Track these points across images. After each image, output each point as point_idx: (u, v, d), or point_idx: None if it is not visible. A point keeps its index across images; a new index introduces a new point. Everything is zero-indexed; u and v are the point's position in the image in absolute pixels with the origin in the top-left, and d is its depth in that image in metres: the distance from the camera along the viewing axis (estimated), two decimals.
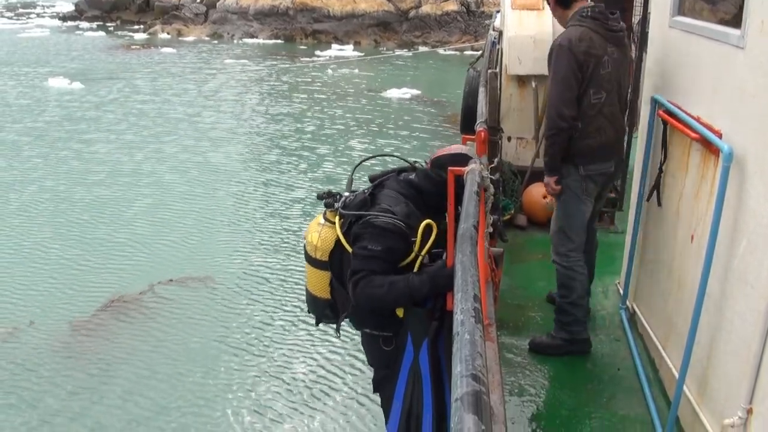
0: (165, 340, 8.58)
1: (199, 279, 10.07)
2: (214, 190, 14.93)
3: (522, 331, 7.94)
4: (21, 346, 8.45)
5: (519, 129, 11.37)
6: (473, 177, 4.08)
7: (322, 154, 17.54)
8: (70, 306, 9.44)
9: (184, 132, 19.89)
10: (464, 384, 1.86)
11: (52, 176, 16.06)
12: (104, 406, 7.44)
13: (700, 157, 5.83)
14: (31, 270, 10.69)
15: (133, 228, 12.46)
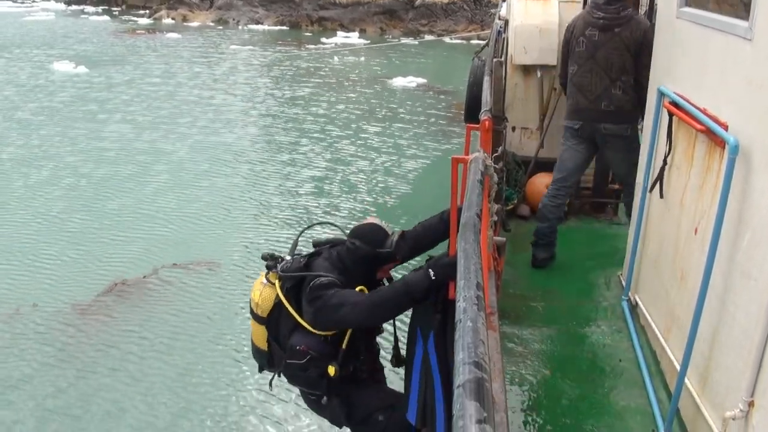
0: (168, 324, 8.58)
1: (204, 263, 10.06)
2: (222, 173, 14.93)
3: (523, 321, 7.93)
4: (24, 328, 8.45)
5: (523, 119, 11.34)
6: (477, 165, 4.07)
7: (334, 136, 17.51)
8: (74, 289, 9.44)
9: (197, 114, 19.90)
10: (466, 371, 1.85)
11: (64, 155, 16.09)
12: (107, 388, 7.44)
13: (705, 149, 5.81)
14: (35, 251, 10.69)
15: (138, 211, 12.46)
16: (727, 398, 5.09)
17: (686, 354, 5.60)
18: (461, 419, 1.65)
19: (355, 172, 14.74)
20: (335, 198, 13.30)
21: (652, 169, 7.21)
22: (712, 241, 5.21)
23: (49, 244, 11.05)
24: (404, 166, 15.02)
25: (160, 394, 7.35)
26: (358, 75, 26.39)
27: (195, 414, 6.92)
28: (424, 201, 12.46)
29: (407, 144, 16.86)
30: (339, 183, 14.01)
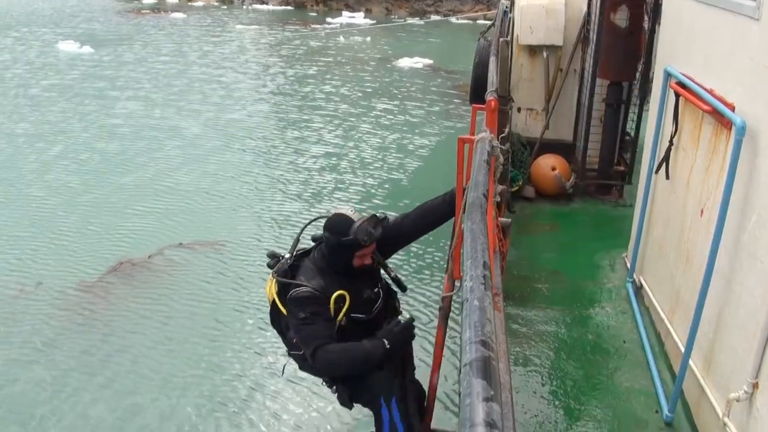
0: (172, 304, 8.55)
1: (210, 243, 10.02)
2: (234, 149, 14.84)
3: (528, 302, 7.94)
4: (29, 307, 8.45)
5: (529, 100, 11.32)
6: (483, 145, 4.06)
7: (343, 115, 17.47)
8: (78, 267, 9.41)
9: (209, 91, 19.88)
10: (473, 350, 1.84)
11: (77, 131, 16.06)
12: (111, 368, 7.43)
13: (712, 130, 5.78)
14: (39, 229, 10.65)
15: (149, 187, 12.40)
16: (732, 380, 5.10)
17: (691, 335, 5.60)
18: (468, 397, 1.65)
19: (365, 150, 14.70)
20: (346, 174, 13.32)
21: (658, 150, 7.18)
22: (718, 223, 5.20)
23: (58, 221, 10.98)
24: (412, 145, 14.99)
25: (167, 370, 7.34)
26: (365, 55, 26.30)
27: (191, 396, 6.92)
28: (430, 178, 12.45)
29: (415, 123, 16.81)
30: (349, 160, 13.98)
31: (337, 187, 12.78)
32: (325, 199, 12.22)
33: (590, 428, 5.98)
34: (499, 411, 1.62)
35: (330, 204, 11.85)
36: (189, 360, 7.60)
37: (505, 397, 2.58)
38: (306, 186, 12.80)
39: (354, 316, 4.53)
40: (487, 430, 1.53)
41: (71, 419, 6.71)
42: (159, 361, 7.57)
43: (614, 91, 10.10)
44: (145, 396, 7.01)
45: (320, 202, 12.06)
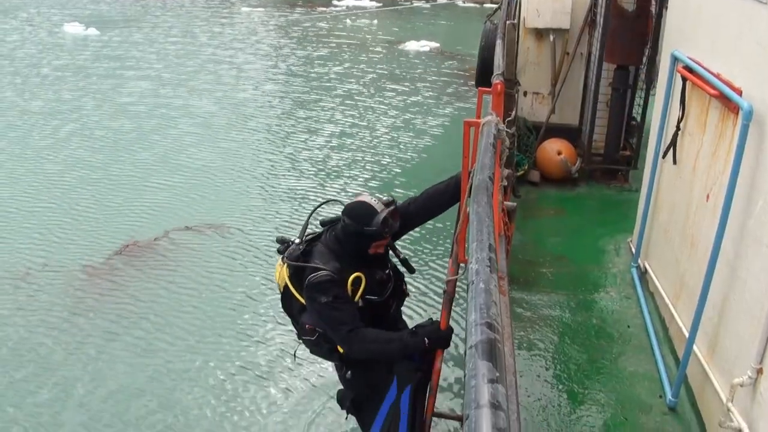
0: (178, 287, 8.53)
1: (216, 227, 10.00)
2: (246, 128, 14.81)
3: (532, 286, 7.94)
4: (34, 289, 8.45)
5: (535, 84, 11.28)
6: (489, 128, 4.05)
7: (352, 97, 17.41)
8: (84, 249, 9.39)
9: (221, 71, 19.84)
10: (479, 332, 1.84)
11: (91, 109, 16.06)
12: (116, 349, 7.44)
13: (718, 115, 5.76)
14: (45, 210, 10.64)
15: (156, 168, 12.37)
16: (736, 365, 5.10)
17: (695, 320, 5.60)
18: (473, 379, 1.65)
19: (375, 129, 14.66)
20: (357, 153, 13.34)
21: (665, 135, 7.16)
22: (723, 208, 5.19)
23: (67, 201, 10.95)
24: (421, 126, 14.93)
25: (173, 353, 7.35)
26: (372, 38, 26.16)
27: (195, 381, 6.92)
28: (438, 160, 12.46)
29: (423, 105, 16.74)
30: (360, 139, 13.96)
31: (348, 166, 12.79)
32: (337, 178, 12.23)
33: (593, 412, 5.99)
34: (505, 392, 1.63)
35: (341, 183, 11.90)
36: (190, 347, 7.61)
37: (509, 380, 2.58)
38: (317, 165, 12.81)
39: (368, 298, 4.46)
40: (492, 411, 1.53)
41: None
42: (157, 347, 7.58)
43: (621, 75, 10.06)
44: (142, 380, 7.00)
45: (332, 181, 12.07)
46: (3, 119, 15.41)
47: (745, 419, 4.85)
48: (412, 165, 12.88)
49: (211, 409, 6.53)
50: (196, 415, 6.48)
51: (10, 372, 7.06)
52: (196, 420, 6.41)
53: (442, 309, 4.30)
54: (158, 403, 6.62)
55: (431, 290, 8.38)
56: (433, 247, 9.39)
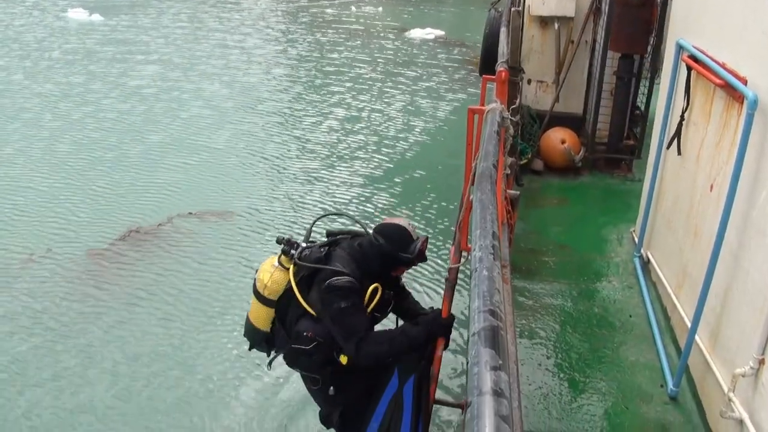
0: (182, 272, 8.54)
1: (219, 213, 9.99)
2: (256, 111, 14.81)
3: (534, 275, 7.93)
4: (39, 273, 8.44)
5: (539, 72, 11.24)
6: (494, 116, 4.03)
7: (358, 84, 17.41)
8: (89, 234, 9.39)
9: (232, 56, 19.83)
10: (482, 319, 1.84)
11: (104, 92, 16.12)
12: (121, 332, 7.44)
13: (723, 105, 5.74)
14: (50, 194, 10.64)
15: (157, 157, 12.34)
16: (738, 355, 5.09)
17: (698, 310, 5.59)
18: (476, 366, 1.64)
19: (380, 116, 14.68)
20: (363, 134, 13.37)
21: (669, 124, 7.14)
22: (727, 198, 5.17)
23: (78, 183, 10.98)
24: (428, 112, 14.94)
25: (176, 337, 7.36)
26: (378, 25, 26.10)
27: (196, 366, 6.94)
28: (448, 142, 12.50)
29: (431, 92, 16.75)
30: (365, 125, 13.96)
31: (354, 147, 12.82)
32: (350, 160, 12.30)
33: (595, 401, 5.99)
34: (507, 380, 1.62)
35: (351, 167, 12.07)
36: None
37: (510, 369, 2.57)
38: (327, 149, 12.85)
39: (375, 315, 4.50)
40: (494, 398, 1.53)
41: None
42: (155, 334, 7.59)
43: (625, 63, 10.02)
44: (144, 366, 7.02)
45: (344, 164, 12.22)
46: (16, 101, 15.46)
47: (747, 409, 4.85)
48: (422, 147, 12.93)
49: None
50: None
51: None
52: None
53: (444, 296, 4.30)
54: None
55: (434, 278, 8.38)
56: (436, 234, 9.39)
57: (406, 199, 10.74)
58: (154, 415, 6.40)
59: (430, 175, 11.70)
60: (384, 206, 10.58)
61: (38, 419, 6.35)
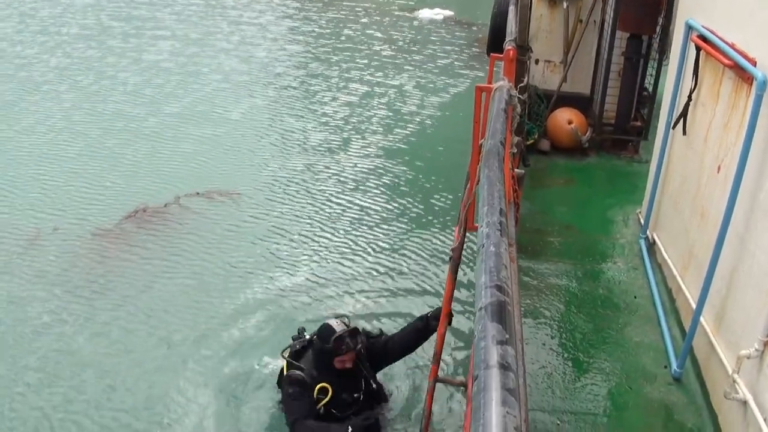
0: (188, 251, 8.49)
1: (225, 192, 9.93)
2: (265, 90, 14.76)
3: (540, 255, 7.93)
4: (44, 252, 8.42)
5: (547, 52, 11.17)
6: (501, 94, 4.01)
7: (365, 65, 17.37)
8: (94, 213, 9.35)
9: (249, 33, 19.77)
10: (488, 294, 1.83)
11: (112, 67, 16.13)
12: (126, 311, 7.43)
13: (732, 86, 5.71)
14: (55, 174, 10.59)
15: (173, 129, 12.26)
16: (743, 337, 5.09)
17: (703, 292, 5.59)
18: (483, 340, 1.64)
19: (386, 96, 14.63)
20: (372, 110, 13.39)
21: (677, 105, 7.11)
22: (734, 180, 5.15)
23: (83, 161, 10.95)
24: (433, 96, 14.89)
25: (182, 317, 7.35)
26: (386, 3, 25.91)
27: (202, 344, 6.93)
28: (449, 127, 12.49)
29: (442, 70, 16.68)
30: (373, 105, 13.91)
31: (361, 126, 12.86)
32: (368, 135, 12.51)
33: (598, 381, 6.01)
34: (514, 354, 1.62)
35: (366, 142, 12.23)
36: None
37: (516, 347, 2.56)
38: (342, 123, 12.90)
39: (332, 411, 5.44)
40: (501, 372, 1.53)
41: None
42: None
43: (634, 44, 9.96)
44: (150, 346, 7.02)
45: (359, 137, 12.38)
46: (35, 75, 15.47)
47: (751, 391, 4.86)
48: (422, 129, 12.93)
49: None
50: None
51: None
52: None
53: (448, 274, 4.30)
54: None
55: (436, 257, 8.39)
56: (441, 215, 9.38)
57: (417, 177, 10.69)
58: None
59: (440, 154, 11.67)
60: (398, 182, 10.55)
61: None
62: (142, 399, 6.29)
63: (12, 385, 6.41)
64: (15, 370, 6.61)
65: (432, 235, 8.93)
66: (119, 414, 6.13)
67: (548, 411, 5.67)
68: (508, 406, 1.45)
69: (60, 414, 6.12)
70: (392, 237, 8.95)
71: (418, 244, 8.72)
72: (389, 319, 7.26)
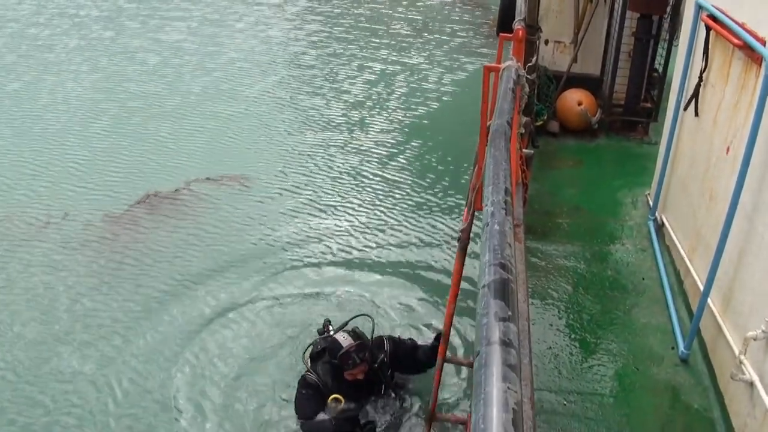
0: (198, 236, 8.49)
1: (235, 178, 9.91)
2: (271, 74, 14.75)
3: (548, 236, 7.94)
4: (55, 238, 8.42)
5: (557, 32, 11.11)
6: (509, 74, 4.00)
7: (374, 47, 17.30)
8: (105, 199, 9.33)
9: (266, 12, 19.80)
10: (492, 272, 1.83)
11: (139, 45, 16.21)
12: (137, 295, 7.45)
13: (742, 66, 5.68)
14: (66, 159, 10.60)
15: (174, 122, 12.27)
16: (750, 319, 5.09)
17: (711, 274, 5.58)
18: (485, 317, 1.64)
19: (397, 78, 14.59)
20: (391, 87, 13.39)
21: (686, 86, 7.07)
22: (743, 161, 5.14)
23: (80, 152, 10.98)
24: (450, 74, 14.85)
25: (193, 300, 7.35)
26: None
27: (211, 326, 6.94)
28: (468, 105, 12.46)
29: (453, 53, 16.61)
30: (383, 88, 13.88)
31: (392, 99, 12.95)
32: (385, 111, 12.52)
33: (605, 362, 6.03)
34: (516, 331, 1.62)
35: (384, 117, 12.28)
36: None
37: (522, 326, 2.57)
38: (359, 101, 12.93)
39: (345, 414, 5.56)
40: (503, 348, 1.53)
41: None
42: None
43: (644, 24, 9.91)
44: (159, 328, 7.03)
45: (376, 113, 12.39)
46: (53, 57, 15.52)
47: (758, 372, 4.86)
48: (455, 96, 13.01)
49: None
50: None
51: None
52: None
53: (456, 256, 4.30)
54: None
55: (448, 238, 8.38)
56: (450, 194, 9.37)
57: (436, 153, 10.67)
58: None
59: (458, 131, 11.64)
60: (419, 159, 10.55)
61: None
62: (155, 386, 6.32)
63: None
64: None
65: (441, 217, 8.90)
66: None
67: (555, 391, 5.69)
68: (509, 381, 1.45)
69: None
70: (409, 214, 8.93)
71: (424, 228, 8.69)
72: (404, 298, 7.26)
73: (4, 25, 18.30)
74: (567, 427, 5.39)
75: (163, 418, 5.91)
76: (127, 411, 5.98)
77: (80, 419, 5.88)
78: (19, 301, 7.38)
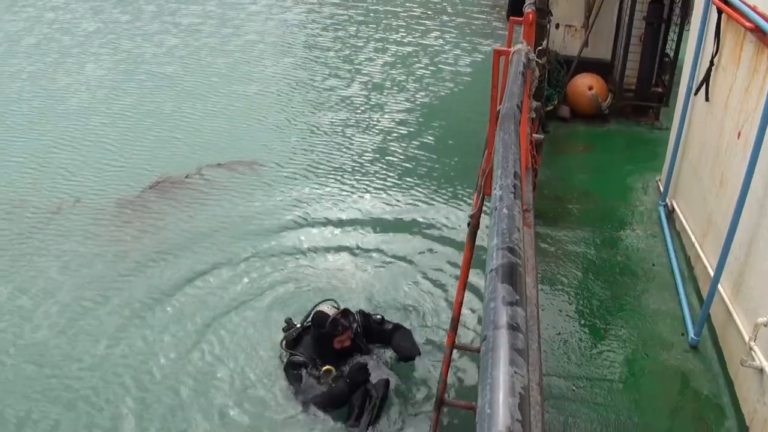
0: (210, 221, 8.48)
1: (247, 163, 9.89)
2: (272, 67, 14.73)
3: (558, 222, 7.91)
4: (67, 222, 8.42)
5: (568, 16, 11.02)
6: (519, 57, 3.98)
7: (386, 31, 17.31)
8: (117, 183, 9.33)
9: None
10: (500, 256, 1.82)
11: (154, 29, 16.32)
12: (148, 279, 7.46)
13: (753, 49, 5.63)
14: (77, 143, 10.61)
15: (185, 108, 12.27)
16: (761, 304, 5.07)
17: (721, 259, 5.55)
18: (492, 301, 1.63)
19: (414, 60, 14.54)
20: (409, 68, 13.43)
21: (698, 70, 7.02)
22: (755, 145, 5.10)
23: (92, 137, 10.97)
24: (467, 56, 14.80)
25: (205, 284, 7.35)
26: None
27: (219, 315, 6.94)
28: (473, 91, 12.43)
29: (462, 37, 16.55)
30: (401, 69, 13.83)
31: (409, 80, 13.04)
32: (401, 92, 12.59)
33: (615, 348, 6.01)
34: (524, 315, 1.61)
35: (403, 97, 12.34)
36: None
37: (530, 311, 2.56)
38: (377, 82, 13.00)
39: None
40: (510, 332, 1.52)
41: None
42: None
43: (655, 8, 9.84)
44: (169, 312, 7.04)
45: (395, 94, 12.41)
46: (71, 39, 15.68)
47: None
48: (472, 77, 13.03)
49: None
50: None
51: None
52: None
53: (466, 242, 4.28)
54: None
55: (458, 225, 8.36)
56: (460, 181, 9.33)
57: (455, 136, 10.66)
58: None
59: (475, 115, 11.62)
60: (435, 141, 10.53)
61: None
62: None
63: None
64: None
65: (451, 203, 8.87)
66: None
67: (564, 376, 5.68)
68: (516, 366, 1.44)
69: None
70: (422, 196, 8.94)
71: (435, 215, 8.67)
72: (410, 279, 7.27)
73: (22, 9, 18.36)
74: (576, 412, 5.37)
75: (169, 398, 5.95)
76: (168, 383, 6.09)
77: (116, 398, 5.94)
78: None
